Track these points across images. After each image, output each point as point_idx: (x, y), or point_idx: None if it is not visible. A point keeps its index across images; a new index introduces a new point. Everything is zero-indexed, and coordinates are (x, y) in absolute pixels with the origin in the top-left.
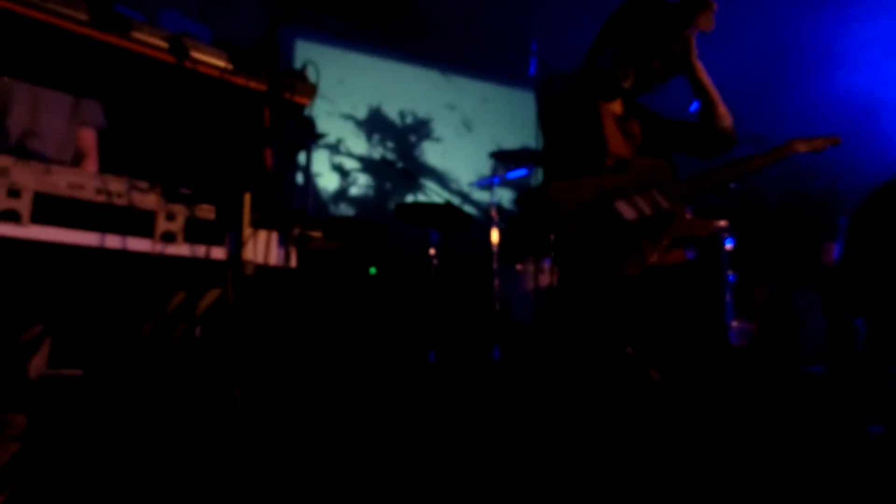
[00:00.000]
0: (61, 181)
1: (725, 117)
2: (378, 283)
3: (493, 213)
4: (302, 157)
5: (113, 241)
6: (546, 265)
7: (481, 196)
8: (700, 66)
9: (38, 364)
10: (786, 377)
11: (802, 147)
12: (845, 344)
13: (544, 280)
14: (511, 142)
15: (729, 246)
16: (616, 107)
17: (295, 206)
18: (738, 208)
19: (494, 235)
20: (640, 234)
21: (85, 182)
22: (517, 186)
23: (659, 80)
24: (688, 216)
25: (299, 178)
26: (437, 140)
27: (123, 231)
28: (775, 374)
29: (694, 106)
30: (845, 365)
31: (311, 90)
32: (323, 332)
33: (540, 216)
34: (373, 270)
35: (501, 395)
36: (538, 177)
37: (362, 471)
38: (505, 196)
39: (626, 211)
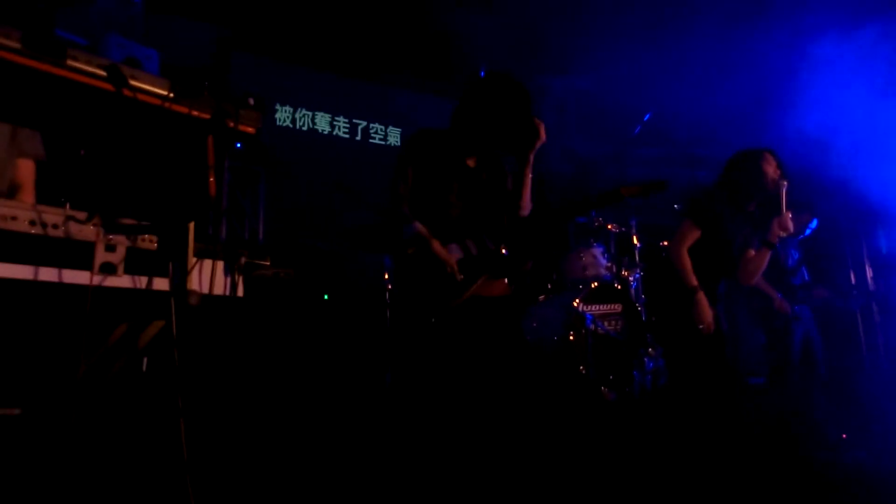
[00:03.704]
0: None
1: (527, 206)
2: (332, 310)
3: None
4: (253, 183)
5: (48, 274)
6: None
7: None
8: (531, 160)
9: None
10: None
11: (625, 192)
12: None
13: None
14: None
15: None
16: (472, 160)
17: (246, 234)
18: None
19: None
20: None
21: (18, 213)
22: None
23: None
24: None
25: (251, 204)
26: (392, 164)
27: (60, 263)
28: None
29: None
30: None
31: (256, 118)
32: (274, 362)
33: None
34: (326, 297)
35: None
36: None
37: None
38: None
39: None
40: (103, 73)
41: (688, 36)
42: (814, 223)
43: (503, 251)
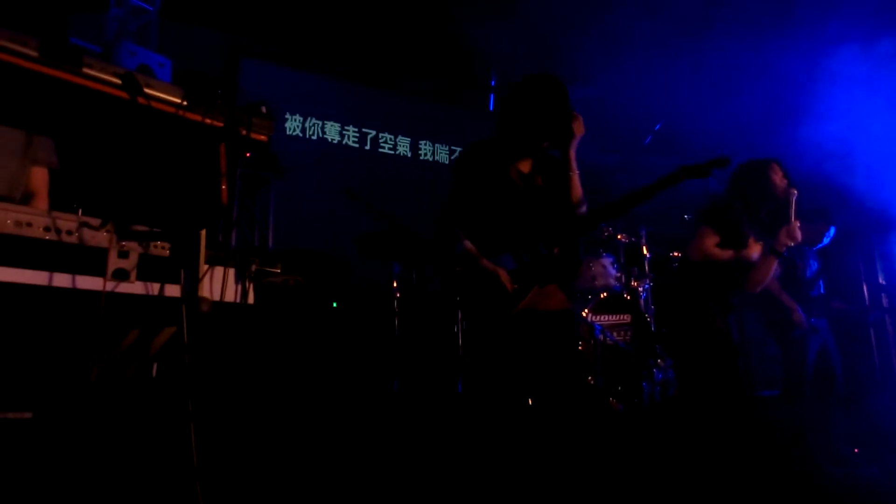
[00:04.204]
0: (7, 219)
1: (581, 203)
2: (341, 317)
3: None
4: (263, 191)
5: (62, 280)
6: None
7: None
8: (572, 156)
9: None
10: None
11: (682, 175)
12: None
13: None
14: None
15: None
16: (525, 165)
17: (255, 241)
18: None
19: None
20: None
21: (33, 220)
22: None
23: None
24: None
25: (261, 212)
26: (402, 172)
27: (74, 269)
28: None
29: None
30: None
31: (268, 126)
32: (284, 369)
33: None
34: (335, 304)
35: (464, 427)
36: None
37: None
38: None
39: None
40: (118, 81)
41: (703, 45)
42: (831, 231)
43: (555, 253)
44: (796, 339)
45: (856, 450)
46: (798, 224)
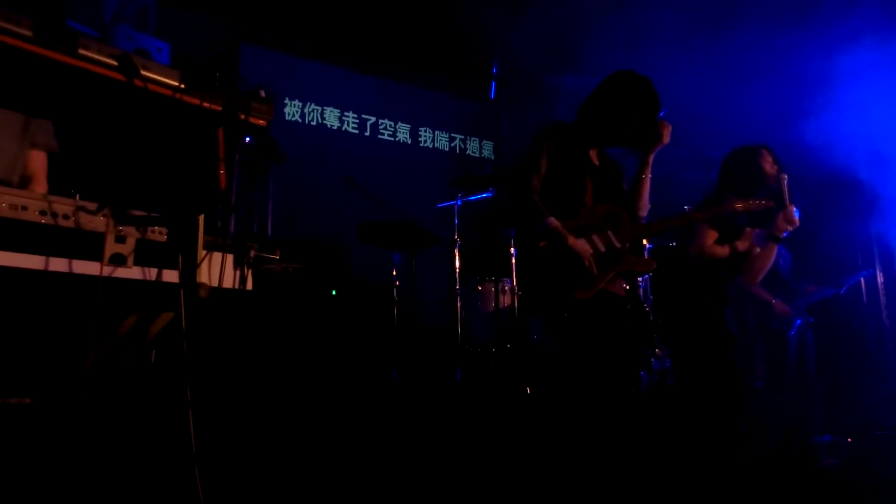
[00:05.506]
0: (3, 202)
1: (646, 207)
2: (340, 305)
3: (455, 234)
4: (263, 177)
5: (58, 265)
6: (507, 286)
7: (444, 217)
8: (651, 161)
9: None
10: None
11: (740, 206)
12: (779, 355)
13: (505, 300)
14: (468, 163)
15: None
16: (594, 157)
17: (254, 228)
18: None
19: (456, 256)
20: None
21: (28, 203)
22: (479, 207)
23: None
24: (634, 256)
25: (260, 198)
26: (402, 158)
27: (70, 254)
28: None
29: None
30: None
31: (267, 110)
32: (282, 356)
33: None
34: (334, 292)
35: (464, 414)
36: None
37: (323, 496)
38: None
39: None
40: (114, 62)
41: (714, 38)
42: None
43: (626, 248)
44: (777, 331)
45: (849, 439)
46: (794, 208)
